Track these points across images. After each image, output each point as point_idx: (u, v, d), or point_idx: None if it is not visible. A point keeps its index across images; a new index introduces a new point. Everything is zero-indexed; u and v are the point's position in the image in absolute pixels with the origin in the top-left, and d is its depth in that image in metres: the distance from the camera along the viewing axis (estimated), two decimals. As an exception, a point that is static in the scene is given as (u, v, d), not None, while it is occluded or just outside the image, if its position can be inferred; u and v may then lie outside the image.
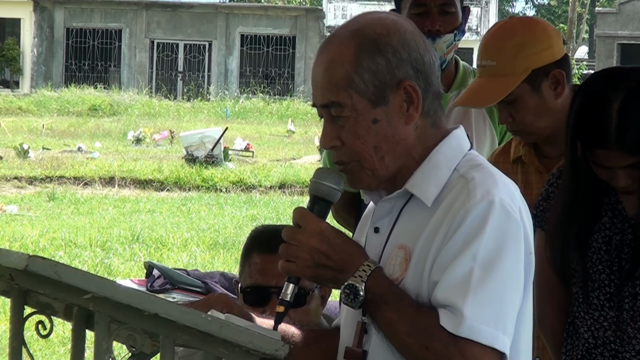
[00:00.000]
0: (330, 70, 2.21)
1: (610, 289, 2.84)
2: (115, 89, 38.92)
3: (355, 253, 2.19)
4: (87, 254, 12.11)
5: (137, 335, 2.15)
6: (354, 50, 2.20)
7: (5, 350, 2.28)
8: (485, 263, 2.09)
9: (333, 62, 2.21)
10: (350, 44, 2.21)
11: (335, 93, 2.20)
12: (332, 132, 2.23)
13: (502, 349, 2.09)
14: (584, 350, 2.90)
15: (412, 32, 2.25)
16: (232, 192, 18.89)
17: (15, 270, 2.12)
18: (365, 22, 2.24)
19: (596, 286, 2.86)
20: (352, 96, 2.19)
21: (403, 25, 2.25)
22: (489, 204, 2.13)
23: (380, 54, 2.20)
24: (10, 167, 20.27)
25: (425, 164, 2.23)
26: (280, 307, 2.24)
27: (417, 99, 2.21)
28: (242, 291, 2.90)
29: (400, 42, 2.21)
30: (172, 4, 42.57)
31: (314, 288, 2.85)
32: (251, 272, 2.89)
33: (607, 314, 2.85)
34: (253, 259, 2.91)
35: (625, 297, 2.82)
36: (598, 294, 2.86)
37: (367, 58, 2.20)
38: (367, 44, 2.20)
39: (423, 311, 2.11)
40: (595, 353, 2.88)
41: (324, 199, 2.24)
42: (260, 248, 2.90)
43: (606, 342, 2.86)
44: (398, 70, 2.20)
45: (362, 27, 2.23)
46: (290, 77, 41.86)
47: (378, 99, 2.20)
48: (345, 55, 2.20)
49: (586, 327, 2.89)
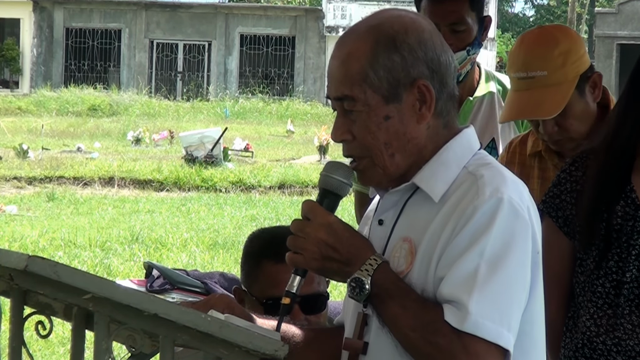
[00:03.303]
0: (346, 64, 2.22)
1: (617, 276, 2.84)
2: (114, 89, 38.93)
3: (363, 247, 2.20)
4: (86, 254, 12.11)
5: (136, 335, 2.15)
6: (370, 46, 2.21)
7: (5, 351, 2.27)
8: (491, 260, 2.10)
9: (349, 56, 2.22)
10: (368, 39, 2.22)
11: (349, 87, 2.21)
12: (344, 125, 2.24)
13: (506, 346, 2.09)
14: (585, 339, 2.90)
15: (430, 31, 2.26)
16: (231, 192, 18.89)
17: (15, 271, 2.12)
18: (384, 19, 2.25)
19: (602, 273, 2.86)
20: (365, 91, 2.20)
21: (421, 24, 2.26)
22: (498, 201, 2.13)
23: (396, 51, 2.20)
24: (10, 167, 20.28)
25: (435, 160, 2.24)
26: (286, 299, 2.23)
27: (430, 99, 2.22)
28: (263, 303, 2.85)
29: (417, 40, 2.22)
30: (172, 4, 42.57)
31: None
32: (269, 282, 2.85)
33: (611, 301, 2.85)
34: (267, 269, 2.87)
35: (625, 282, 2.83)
36: (603, 281, 2.86)
37: (383, 54, 2.20)
38: (384, 41, 2.21)
39: (428, 306, 2.11)
40: (597, 341, 2.88)
41: (333, 193, 2.24)
42: (275, 257, 2.83)
43: (609, 329, 2.86)
44: (413, 68, 2.21)
45: (381, 24, 2.23)
46: (290, 77, 41.86)
47: (391, 95, 2.21)
48: (362, 50, 2.21)
49: (589, 316, 2.89)
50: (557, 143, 3.40)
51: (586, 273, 2.90)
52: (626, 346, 2.84)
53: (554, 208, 2.96)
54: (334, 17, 42.03)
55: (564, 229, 2.93)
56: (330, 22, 41.86)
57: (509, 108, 3.40)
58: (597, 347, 2.88)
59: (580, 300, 2.93)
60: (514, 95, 3.40)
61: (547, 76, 3.31)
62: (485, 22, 3.74)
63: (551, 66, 3.31)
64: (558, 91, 3.29)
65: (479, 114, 3.81)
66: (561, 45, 3.33)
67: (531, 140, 3.53)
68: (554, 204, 2.96)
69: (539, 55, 3.34)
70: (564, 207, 2.94)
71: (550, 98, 3.29)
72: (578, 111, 3.32)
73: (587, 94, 3.35)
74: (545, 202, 2.97)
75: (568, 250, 2.95)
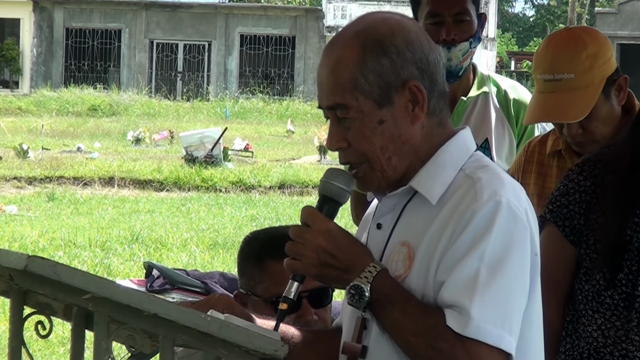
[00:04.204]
0: (335, 72, 2.21)
1: (627, 289, 2.83)
2: (114, 89, 38.93)
3: (362, 254, 2.19)
4: (86, 254, 12.11)
5: (136, 335, 2.15)
6: (358, 52, 2.20)
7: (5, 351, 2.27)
8: (492, 264, 2.10)
9: (338, 64, 2.21)
10: (355, 45, 2.21)
11: (340, 95, 2.20)
12: (339, 133, 2.23)
13: (508, 350, 2.09)
14: (591, 349, 2.89)
15: (417, 31, 2.25)
16: (231, 192, 18.89)
17: (15, 271, 2.12)
18: (369, 23, 2.24)
19: (611, 285, 2.85)
20: (357, 98, 2.20)
21: (407, 25, 2.25)
22: (496, 204, 2.13)
23: (384, 54, 2.20)
24: (10, 167, 20.27)
25: (431, 163, 2.23)
26: (283, 305, 2.23)
27: (422, 99, 2.22)
28: (272, 302, 2.81)
29: (404, 42, 2.21)
30: (172, 4, 42.58)
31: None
32: (275, 281, 2.83)
33: (620, 314, 2.84)
34: (271, 267, 2.85)
35: (637, 295, 2.81)
36: (612, 292, 2.84)
37: (372, 59, 2.20)
38: (372, 45, 2.20)
39: (429, 311, 2.11)
40: (604, 352, 2.86)
41: (333, 199, 2.24)
42: (278, 255, 2.84)
43: (617, 341, 2.85)
44: (403, 70, 2.20)
45: (366, 28, 2.23)
46: (290, 77, 41.87)
47: (383, 99, 2.20)
48: (350, 56, 2.21)
49: (596, 326, 2.87)
50: (580, 145, 3.39)
51: (592, 282, 2.88)
52: (634, 358, 2.83)
53: (561, 218, 2.93)
54: (334, 17, 42.03)
55: (570, 237, 2.91)
56: (330, 22, 41.86)
57: (535, 110, 3.39)
58: (604, 357, 2.86)
59: (582, 308, 2.91)
60: (539, 97, 3.38)
61: (574, 79, 3.30)
62: (482, 19, 3.76)
63: (579, 69, 3.30)
64: (585, 94, 3.29)
65: (472, 114, 3.82)
66: (589, 48, 3.32)
67: (551, 140, 3.53)
68: (562, 214, 2.93)
69: (567, 58, 3.33)
70: (572, 217, 2.91)
71: (577, 101, 3.29)
72: (603, 114, 3.32)
73: (613, 97, 3.34)
74: (552, 212, 2.94)
75: (571, 257, 2.93)
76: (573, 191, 2.93)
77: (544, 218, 2.93)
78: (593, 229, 2.87)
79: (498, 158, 3.82)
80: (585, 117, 3.29)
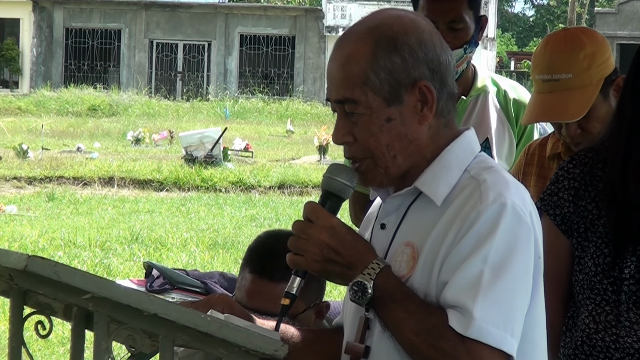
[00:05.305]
0: (346, 66, 2.20)
1: (615, 272, 2.84)
2: (114, 89, 38.93)
3: (365, 251, 2.19)
4: (86, 254, 12.11)
5: (136, 335, 2.15)
6: (370, 48, 2.19)
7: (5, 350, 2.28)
8: (495, 265, 2.09)
9: (349, 59, 2.20)
10: (367, 41, 2.20)
11: (350, 89, 2.20)
12: (345, 127, 2.23)
13: (509, 352, 2.09)
14: (584, 336, 2.90)
15: (430, 31, 2.24)
16: (231, 192, 18.89)
17: (15, 271, 2.12)
18: (383, 20, 2.23)
19: (599, 270, 2.86)
20: (367, 94, 2.19)
21: (421, 24, 2.24)
22: (501, 206, 2.13)
23: (397, 52, 2.19)
24: (10, 167, 20.27)
25: (436, 163, 2.23)
26: (285, 300, 2.23)
27: (431, 100, 2.21)
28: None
29: (417, 41, 2.20)
30: (172, 4, 42.57)
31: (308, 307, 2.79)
32: (240, 287, 2.84)
33: (609, 298, 2.85)
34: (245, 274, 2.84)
35: (625, 279, 2.83)
36: (601, 278, 2.86)
37: (384, 56, 2.19)
38: (385, 42, 2.19)
39: (431, 311, 2.11)
40: (597, 338, 2.87)
41: (336, 195, 2.23)
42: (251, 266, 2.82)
43: (607, 326, 2.86)
44: (414, 70, 2.20)
45: (380, 25, 2.22)
46: (290, 77, 41.87)
47: (393, 97, 2.20)
48: (362, 52, 2.20)
49: (587, 313, 2.89)
50: (579, 145, 3.39)
51: (584, 271, 2.90)
52: (624, 343, 2.84)
53: (551, 206, 2.95)
54: (333, 17, 42.03)
55: (562, 227, 2.93)
56: (330, 22, 41.86)
57: (533, 110, 3.40)
58: (596, 344, 2.88)
59: (579, 299, 2.94)
60: (537, 97, 3.39)
61: (572, 79, 3.31)
62: (482, 21, 3.75)
63: (577, 69, 3.31)
64: (583, 94, 3.30)
65: (473, 114, 3.82)
66: (587, 48, 3.34)
67: (551, 143, 3.55)
68: (552, 202, 2.95)
69: (565, 58, 3.34)
70: (562, 205, 2.93)
71: (575, 101, 3.30)
72: (601, 114, 3.33)
73: (611, 97, 3.36)
74: (543, 200, 2.96)
75: (566, 250, 2.94)
76: (562, 178, 2.94)
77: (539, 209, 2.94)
78: (582, 216, 2.89)
79: (498, 157, 3.82)
80: (583, 116, 3.30)
